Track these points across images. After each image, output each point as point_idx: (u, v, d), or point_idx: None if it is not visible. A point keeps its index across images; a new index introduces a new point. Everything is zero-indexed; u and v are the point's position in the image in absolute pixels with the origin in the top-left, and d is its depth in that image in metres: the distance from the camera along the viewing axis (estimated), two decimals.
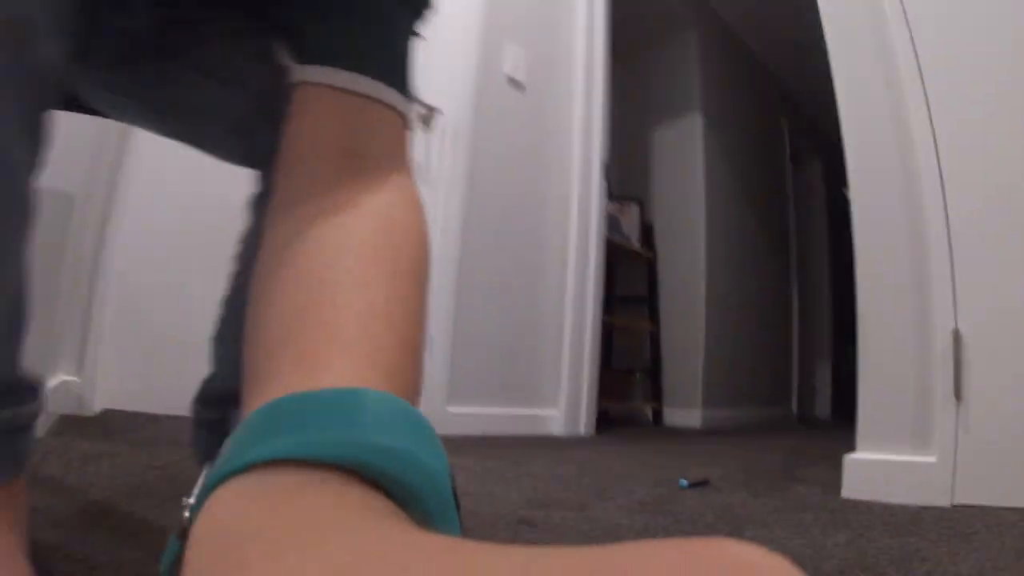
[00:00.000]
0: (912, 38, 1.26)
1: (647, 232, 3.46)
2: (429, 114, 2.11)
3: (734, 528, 0.93)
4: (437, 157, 2.13)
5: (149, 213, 1.53)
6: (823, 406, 4.44)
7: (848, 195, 1.36)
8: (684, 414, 3.06)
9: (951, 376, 1.07)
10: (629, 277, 3.49)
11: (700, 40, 3.50)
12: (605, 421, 2.68)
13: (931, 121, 1.20)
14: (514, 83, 2.30)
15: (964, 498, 1.01)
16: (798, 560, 0.75)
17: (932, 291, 1.13)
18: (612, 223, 3.31)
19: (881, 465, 1.13)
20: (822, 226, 4.69)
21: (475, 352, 2.02)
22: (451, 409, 1.90)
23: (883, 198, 1.27)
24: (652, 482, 1.32)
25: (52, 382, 1.15)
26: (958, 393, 1.06)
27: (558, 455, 1.69)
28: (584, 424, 2.33)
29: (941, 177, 1.16)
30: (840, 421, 3.39)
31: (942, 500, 1.02)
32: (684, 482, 1.30)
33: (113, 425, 1.26)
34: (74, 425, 1.20)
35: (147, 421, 1.34)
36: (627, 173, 3.64)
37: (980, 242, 1.11)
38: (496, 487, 1.16)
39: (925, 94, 1.22)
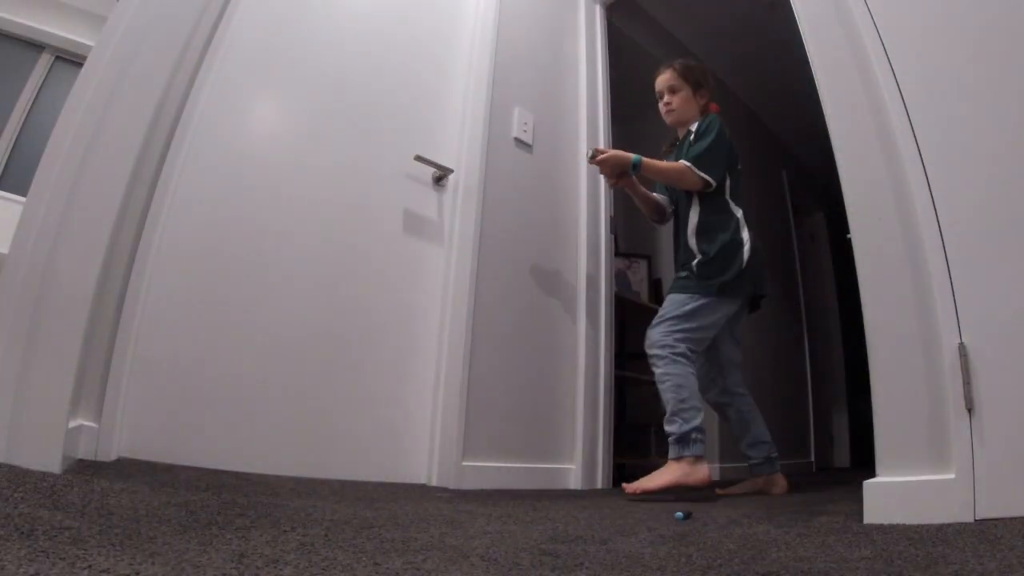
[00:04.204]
0: (899, 87, 1.34)
1: (656, 287, 3.49)
2: (441, 174, 2.19)
3: (758, 552, 0.92)
4: (449, 215, 2.19)
5: (174, 265, 1.58)
6: (841, 455, 4.36)
7: (851, 239, 1.40)
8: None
9: (961, 391, 1.07)
10: (640, 333, 3.49)
11: None
12: (622, 477, 2.63)
13: (925, 169, 1.26)
14: (522, 144, 2.39)
15: (987, 512, 1.00)
16: (824, 573, 0.74)
17: (936, 312, 1.15)
18: (621, 279, 3.35)
19: (901, 487, 1.12)
20: (828, 275, 4.74)
21: (489, 406, 2.02)
22: (466, 463, 1.88)
23: (882, 232, 1.31)
24: (675, 521, 1.30)
25: (71, 425, 1.16)
26: (969, 405, 1.06)
27: (576, 502, 1.66)
28: (602, 478, 2.29)
29: (935, 209, 1.21)
30: (859, 469, 3.32)
31: (965, 516, 1.01)
32: (680, 515, 1.31)
33: (130, 470, 1.26)
34: (91, 468, 1.21)
35: (163, 470, 1.35)
36: (634, 230, 3.71)
37: (975, 261, 1.14)
38: (516, 527, 1.14)
39: (915, 138, 1.29)
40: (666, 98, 2.19)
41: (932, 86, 1.30)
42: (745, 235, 2.05)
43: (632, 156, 2.08)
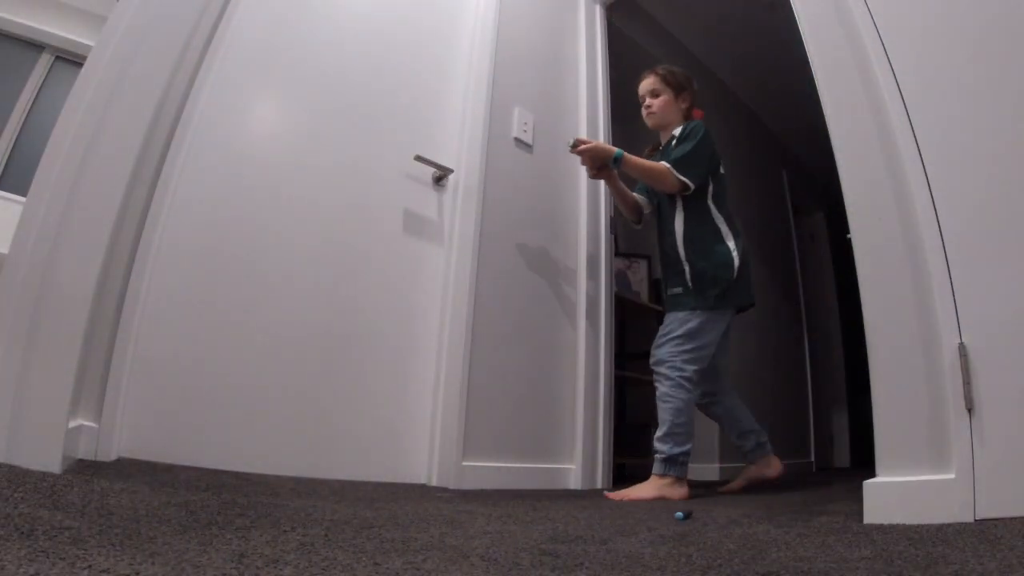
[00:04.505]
0: (899, 87, 1.34)
1: (656, 287, 3.49)
2: (441, 174, 2.18)
3: (758, 552, 0.92)
4: (449, 215, 2.19)
5: (174, 265, 1.58)
6: (841, 455, 4.36)
7: (851, 239, 1.40)
8: (702, 468, 3.01)
9: (961, 391, 1.08)
10: (640, 332, 3.50)
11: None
12: (622, 477, 2.63)
13: (925, 169, 1.26)
14: (522, 144, 2.39)
15: (987, 512, 1.00)
16: (824, 573, 0.74)
17: (936, 312, 1.16)
18: (621, 279, 3.35)
19: (901, 487, 1.12)
20: (828, 275, 4.74)
21: (489, 406, 2.02)
22: (466, 463, 1.88)
23: (882, 232, 1.31)
24: (675, 521, 1.30)
25: (71, 425, 1.16)
26: (969, 405, 1.06)
27: (576, 502, 1.66)
28: (601, 478, 2.29)
29: (935, 209, 1.22)
30: (859, 469, 3.32)
31: (965, 516, 1.01)
32: (680, 515, 1.31)
33: (130, 470, 1.26)
34: (91, 468, 1.21)
35: (163, 470, 1.35)
36: (634, 231, 3.70)
37: (975, 261, 1.15)
38: (516, 527, 1.14)
39: (915, 138, 1.29)
40: (647, 101, 2.27)
41: (932, 86, 1.30)
42: (732, 244, 2.08)
43: (614, 150, 2.11)
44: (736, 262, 2.05)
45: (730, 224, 2.12)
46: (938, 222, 1.20)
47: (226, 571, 0.66)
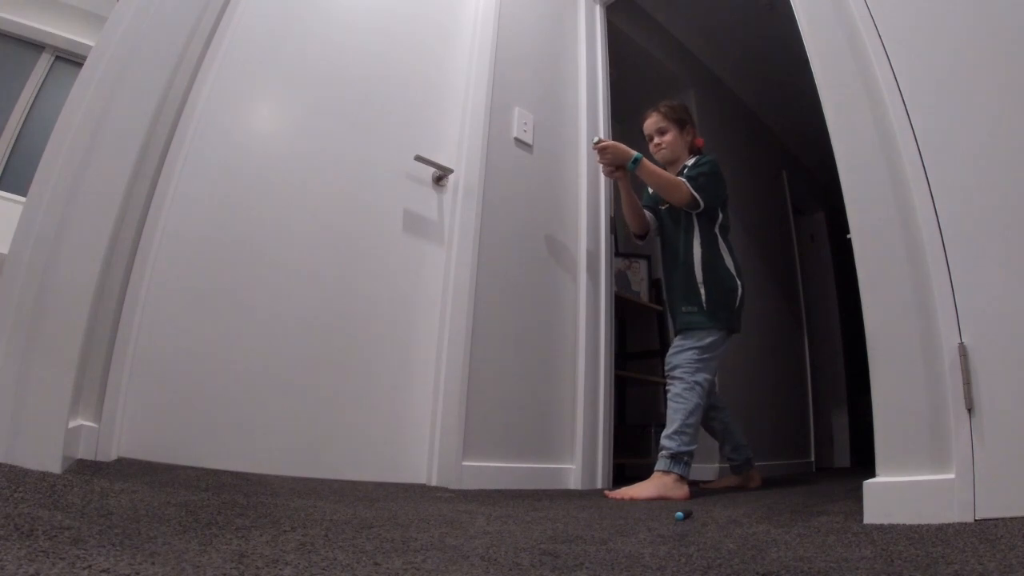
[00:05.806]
0: (899, 87, 1.34)
1: (656, 287, 3.49)
2: (441, 173, 2.18)
3: (758, 552, 0.92)
4: (449, 215, 2.19)
5: (174, 266, 1.59)
6: (842, 455, 4.36)
7: (851, 239, 1.40)
8: (701, 468, 3.00)
9: (961, 391, 1.08)
10: (640, 332, 3.49)
11: (698, 98, 3.64)
12: (622, 477, 2.63)
13: (925, 169, 1.26)
14: (522, 144, 2.39)
15: (987, 512, 1.00)
16: (824, 573, 0.74)
17: (936, 312, 1.16)
18: (621, 279, 3.35)
19: (901, 487, 1.12)
20: (828, 275, 4.73)
21: (489, 406, 2.02)
22: (466, 463, 1.88)
23: (882, 232, 1.31)
24: (675, 521, 1.30)
25: (71, 425, 1.16)
26: (969, 405, 1.06)
27: (576, 502, 1.66)
28: (601, 478, 2.29)
29: (935, 209, 1.22)
30: (859, 469, 3.32)
31: (965, 516, 1.01)
32: (680, 514, 1.31)
33: (130, 470, 1.26)
34: (91, 468, 1.21)
35: (163, 470, 1.35)
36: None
37: (975, 261, 1.15)
38: (516, 527, 1.14)
39: (915, 138, 1.29)
40: (656, 140, 2.37)
41: (932, 86, 1.30)
42: (735, 273, 2.22)
43: (635, 152, 2.18)
44: (740, 290, 2.20)
45: (732, 255, 2.24)
46: (938, 222, 1.20)
47: (226, 571, 0.66)
